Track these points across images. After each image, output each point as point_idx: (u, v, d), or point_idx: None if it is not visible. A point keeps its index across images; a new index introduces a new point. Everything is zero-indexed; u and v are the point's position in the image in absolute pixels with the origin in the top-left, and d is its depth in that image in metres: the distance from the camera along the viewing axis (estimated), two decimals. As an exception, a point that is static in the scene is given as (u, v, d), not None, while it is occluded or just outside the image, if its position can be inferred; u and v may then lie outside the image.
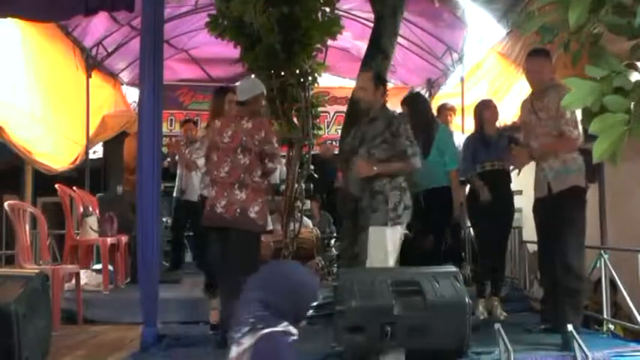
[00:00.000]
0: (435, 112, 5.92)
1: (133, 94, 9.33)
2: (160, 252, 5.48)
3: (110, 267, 5.94)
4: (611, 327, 4.37)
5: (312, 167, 4.73)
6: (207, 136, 4.47)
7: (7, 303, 3.16)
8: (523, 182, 4.71)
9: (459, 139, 5.72)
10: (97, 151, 9.46)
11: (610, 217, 4.93)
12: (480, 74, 7.84)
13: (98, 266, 6.29)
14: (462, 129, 7.56)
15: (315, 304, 2.14)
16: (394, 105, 10.08)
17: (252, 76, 4.55)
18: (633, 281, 4.21)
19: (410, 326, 3.16)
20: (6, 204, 4.88)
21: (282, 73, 4.51)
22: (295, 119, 4.68)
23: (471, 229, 5.81)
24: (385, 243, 3.92)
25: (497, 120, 5.01)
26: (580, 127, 3.79)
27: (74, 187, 6.41)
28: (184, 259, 7.66)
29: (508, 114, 6.07)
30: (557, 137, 3.91)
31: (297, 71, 4.56)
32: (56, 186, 6.01)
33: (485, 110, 4.98)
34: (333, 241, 7.60)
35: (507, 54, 6.82)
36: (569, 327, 3.48)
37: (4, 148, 6.03)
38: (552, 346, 3.70)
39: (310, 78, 4.65)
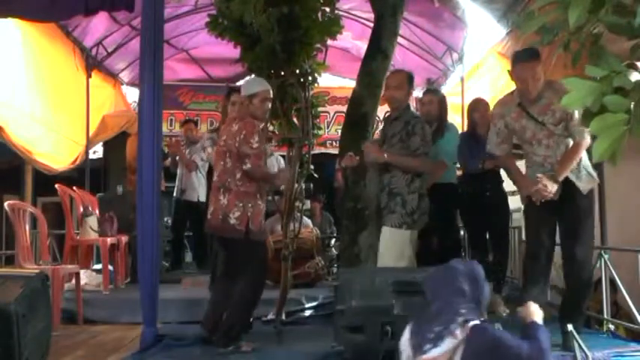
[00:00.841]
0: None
1: (133, 94, 9.34)
2: (160, 252, 5.48)
3: (110, 267, 5.94)
4: (612, 327, 4.37)
5: (311, 167, 4.72)
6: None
7: (7, 303, 3.16)
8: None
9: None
10: (97, 151, 9.48)
11: (610, 217, 4.94)
12: (480, 74, 7.85)
13: (98, 266, 6.29)
14: (462, 129, 7.55)
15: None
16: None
17: (252, 75, 4.54)
18: (633, 281, 4.22)
19: (410, 326, 3.16)
20: (6, 204, 4.88)
21: (282, 73, 4.49)
22: (295, 119, 4.67)
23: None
24: (399, 245, 3.95)
25: (489, 120, 5.00)
26: None
27: (74, 187, 6.41)
28: (184, 259, 7.66)
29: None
30: (564, 138, 3.65)
31: (297, 71, 4.54)
32: (56, 186, 6.01)
33: (474, 112, 5.03)
34: (333, 241, 7.61)
35: (507, 54, 6.82)
36: (569, 327, 3.48)
37: (4, 148, 6.03)
38: (552, 346, 3.68)
39: (310, 78, 4.63)
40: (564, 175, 3.60)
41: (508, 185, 5.07)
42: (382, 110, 6.09)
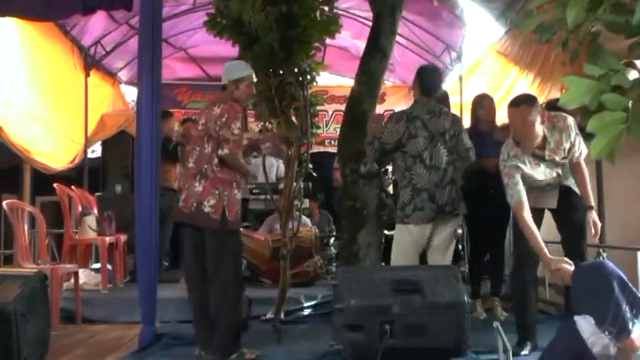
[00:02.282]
0: None
1: (131, 93, 9.33)
2: (160, 251, 5.47)
3: (109, 266, 5.94)
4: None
5: (310, 166, 4.72)
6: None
7: (6, 302, 3.16)
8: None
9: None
10: (96, 150, 9.45)
11: (609, 215, 4.93)
12: (479, 73, 7.85)
13: (97, 265, 6.30)
14: (460, 127, 7.56)
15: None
16: (392, 103, 10.03)
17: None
18: (633, 280, 4.20)
19: (409, 325, 3.16)
20: (4, 203, 4.87)
21: (281, 72, 4.48)
22: (294, 118, 4.66)
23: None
24: (400, 239, 4.00)
25: (492, 117, 4.98)
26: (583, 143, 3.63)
27: (73, 187, 6.41)
28: (184, 258, 7.63)
29: (505, 113, 6.05)
30: (563, 166, 3.69)
31: (296, 70, 4.53)
32: (55, 185, 6.00)
33: (479, 109, 4.99)
34: (332, 240, 7.61)
35: (506, 52, 6.83)
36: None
37: (3, 147, 6.02)
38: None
39: (309, 77, 4.62)
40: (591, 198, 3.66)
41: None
42: (381, 109, 6.10)
